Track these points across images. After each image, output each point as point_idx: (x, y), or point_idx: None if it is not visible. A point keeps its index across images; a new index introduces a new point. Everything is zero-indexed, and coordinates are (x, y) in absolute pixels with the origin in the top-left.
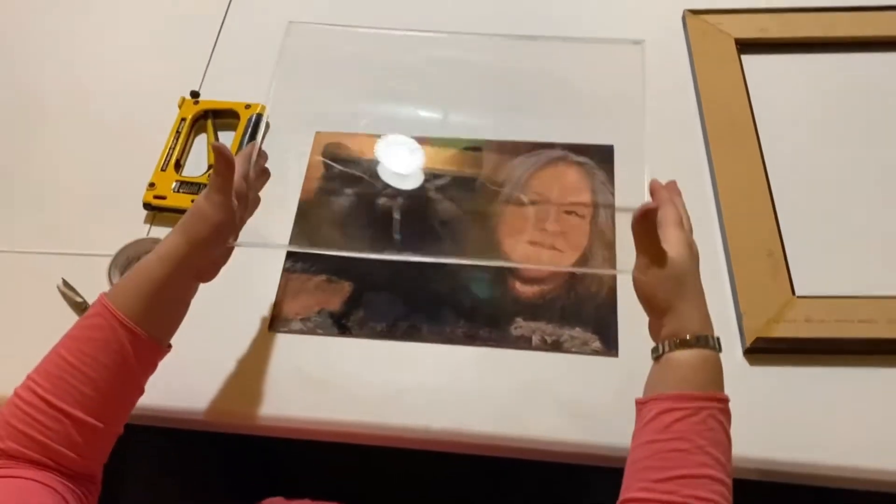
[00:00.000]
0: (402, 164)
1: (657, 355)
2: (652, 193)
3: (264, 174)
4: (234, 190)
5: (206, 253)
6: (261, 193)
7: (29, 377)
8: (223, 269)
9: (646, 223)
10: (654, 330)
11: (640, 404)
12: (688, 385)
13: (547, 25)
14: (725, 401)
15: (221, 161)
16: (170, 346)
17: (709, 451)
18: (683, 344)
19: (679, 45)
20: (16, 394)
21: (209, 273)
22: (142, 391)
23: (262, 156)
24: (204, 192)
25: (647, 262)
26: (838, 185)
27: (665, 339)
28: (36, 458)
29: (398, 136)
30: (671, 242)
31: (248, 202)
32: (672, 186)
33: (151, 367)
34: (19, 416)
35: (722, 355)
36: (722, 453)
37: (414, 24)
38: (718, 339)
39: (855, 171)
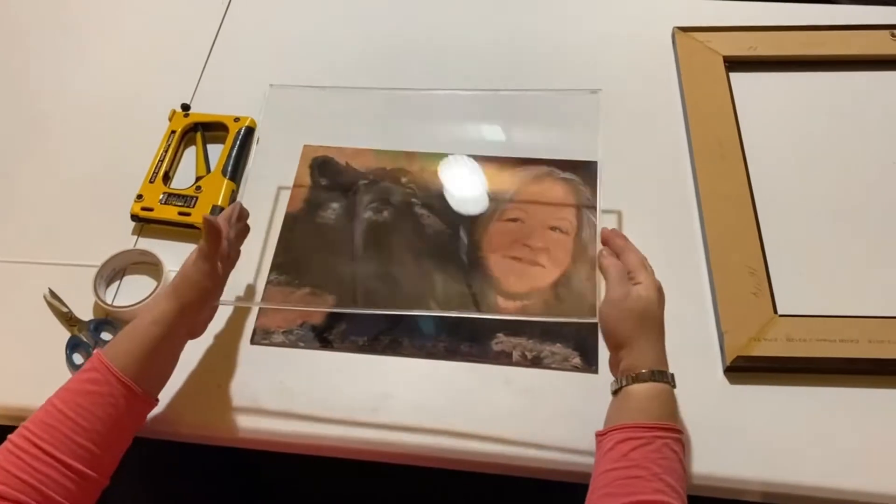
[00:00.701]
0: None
1: (615, 389)
2: (606, 241)
3: (245, 231)
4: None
5: (196, 315)
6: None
7: (23, 426)
8: None
9: (609, 260)
10: (613, 364)
11: (600, 436)
12: (643, 416)
13: (540, 36)
14: (679, 432)
15: (211, 233)
16: (157, 401)
17: (663, 479)
18: (639, 378)
19: (668, 62)
20: (10, 441)
21: (199, 330)
22: (130, 442)
23: (244, 215)
24: (192, 258)
25: (617, 297)
26: (823, 203)
27: (622, 374)
28: (29, 503)
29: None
30: (644, 284)
31: (231, 260)
32: (620, 235)
33: (141, 420)
34: (15, 462)
35: (702, 374)
36: (676, 481)
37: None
38: (673, 375)
39: (840, 190)
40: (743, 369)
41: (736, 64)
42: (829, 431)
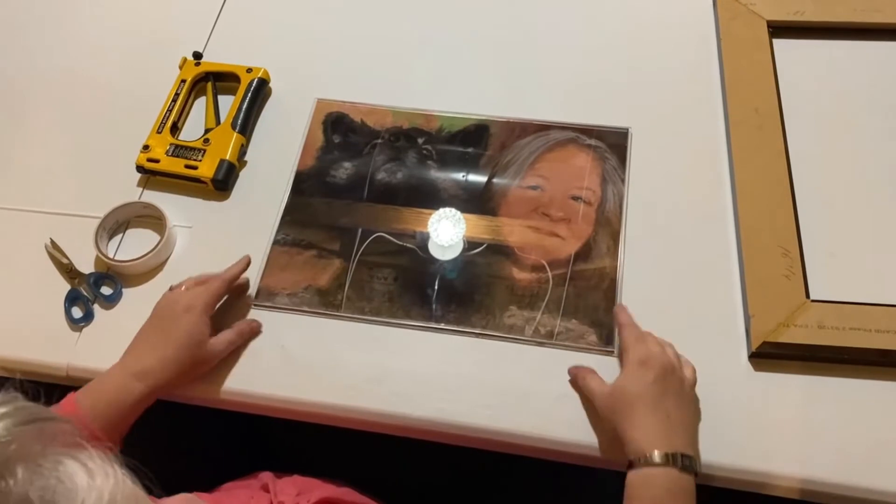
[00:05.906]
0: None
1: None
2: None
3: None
4: None
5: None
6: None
7: None
8: (209, 229)
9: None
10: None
11: None
12: None
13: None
14: None
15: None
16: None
17: None
18: (651, 461)
19: (707, 25)
20: None
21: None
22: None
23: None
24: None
25: (589, 396)
26: (866, 184)
27: (635, 457)
28: None
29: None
30: (621, 374)
31: None
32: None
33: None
34: None
35: (725, 358)
36: None
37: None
38: (683, 455)
39: (886, 170)
40: (769, 356)
41: (780, 29)
42: (857, 426)
